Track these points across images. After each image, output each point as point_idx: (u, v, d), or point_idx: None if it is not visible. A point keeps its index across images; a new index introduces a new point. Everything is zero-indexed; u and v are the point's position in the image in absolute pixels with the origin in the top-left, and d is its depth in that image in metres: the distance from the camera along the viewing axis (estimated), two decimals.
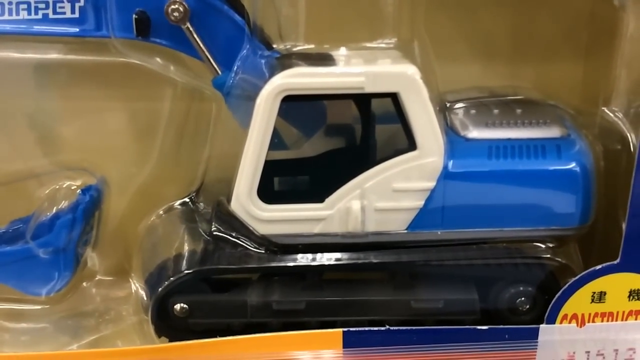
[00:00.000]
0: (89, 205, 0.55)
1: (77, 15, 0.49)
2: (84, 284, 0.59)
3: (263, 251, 0.50)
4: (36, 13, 0.49)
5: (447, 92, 0.54)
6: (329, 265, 0.50)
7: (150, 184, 0.58)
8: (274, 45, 0.52)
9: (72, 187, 0.56)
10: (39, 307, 0.57)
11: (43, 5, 0.49)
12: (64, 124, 0.56)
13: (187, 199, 0.57)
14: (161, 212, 0.58)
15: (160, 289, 0.49)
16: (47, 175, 0.57)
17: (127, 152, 0.58)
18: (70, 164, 0.56)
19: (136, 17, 0.49)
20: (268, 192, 0.49)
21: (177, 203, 0.58)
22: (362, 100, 0.48)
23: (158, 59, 0.53)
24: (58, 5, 0.49)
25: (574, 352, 0.52)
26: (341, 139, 0.52)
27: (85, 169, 0.56)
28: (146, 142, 0.57)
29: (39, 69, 0.54)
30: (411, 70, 0.47)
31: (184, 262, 0.51)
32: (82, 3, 0.49)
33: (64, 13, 0.49)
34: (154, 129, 0.57)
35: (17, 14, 0.49)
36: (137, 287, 0.58)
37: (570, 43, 0.59)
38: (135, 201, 0.58)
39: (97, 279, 0.59)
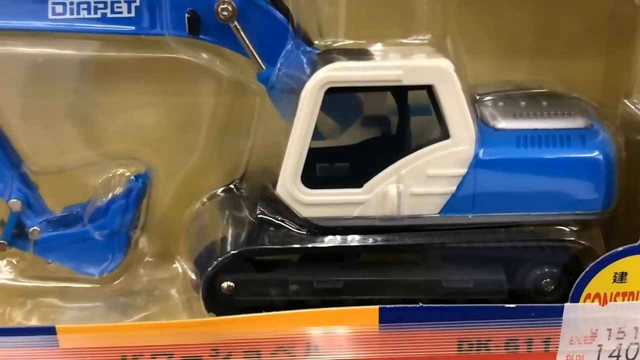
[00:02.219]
0: (140, 191, 0.59)
1: (133, 14, 0.52)
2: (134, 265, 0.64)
3: (305, 233, 0.53)
4: (95, 12, 0.52)
5: (477, 85, 0.55)
6: (366, 246, 0.54)
7: (194, 173, 0.61)
8: (314, 42, 0.54)
9: (125, 175, 0.58)
10: (90, 286, 0.60)
11: (102, 5, 0.52)
12: (116, 118, 0.59)
13: (231, 186, 0.59)
14: (205, 199, 0.61)
15: (209, 269, 0.53)
16: (99, 165, 0.59)
17: (174, 143, 0.60)
18: (121, 154, 0.59)
19: (188, 16, 0.51)
20: (311, 178, 0.52)
21: (219, 190, 0.60)
22: (400, 92, 0.51)
23: (204, 55, 0.56)
24: (115, 5, 0.52)
25: (596, 330, 0.54)
26: (379, 129, 0.56)
27: (135, 158, 0.59)
28: (192, 134, 0.60)
29: (92, 65, 0.56)
30: (445, 64, 0.50)
31: (231, 243, 0.54)
32: (137, 3, 0.52)
33: (121, 12, 0.52)
34: (200, 121, 0.59)
35: (78, 13, 0.52)
36: (183, 268, 0.61)
37: (592, 40, 0.61)
38: (181, 189, 0.61)
39: (145, 260, 0.62)
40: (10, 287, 0.61)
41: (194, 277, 0.56)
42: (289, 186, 0.51)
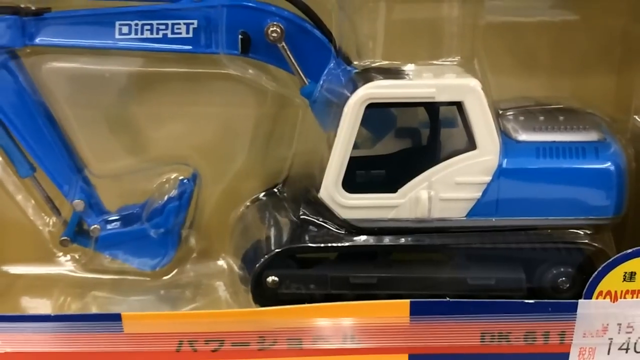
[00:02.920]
0: (191, 194, 0.64)
1: (191, 35, 0.57)
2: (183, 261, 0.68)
3: (343, 233, 0.57)
4: (157, 33, 0.57)
5: (499, 100, 0.59)
6: (399, 245, 0.57)
7: (239, 178, 0.65)
8: (353, 62, 0.58)
9: (179, 179, 0.63)
10: (142, 279, 0.65)
11: (163, 27, 0.56)
12: (170, 127, 0.63)
13: (273, 190, 0.64)
14: (248, 202, 0.65)
15: (257, 265, 0.57)
16: (154, 170, 0.64)
17: (221, 150, 0.64)
18: (174, 161, 0.64)
19: (241, 37, 0.56)
20: (351, 183, 0.56)
21: (261, 194, 0.65)
22: (432, 107, 0.55)
23: (251, 70, 0.60)
24: (175, 26, 0.57)
25: (607, 324, 0.56)
26: (412, 140, 0.60)
27: (187, 164, 0.64)
28: (237, 142, 0.64)
29: (149, 79, 0.61)
30: (474, 83, 0.54)
31: (275, 242, 0.58)
32: (195, 25, 0.56)
33: (180, 33, 0.57)
34: (245, 131, 0.64)
35: (142, 33, 0.56)
36: (228, 264, 0.65)
37: (604, 58, 0.63)
38: (226, 192, 0.65)
39: (192, 256, 0.67)
40: (71, 278, 0.65)
41: (241, 272, 0.60)
42: (331, 190, 0.55)
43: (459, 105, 0.54)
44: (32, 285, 0.65)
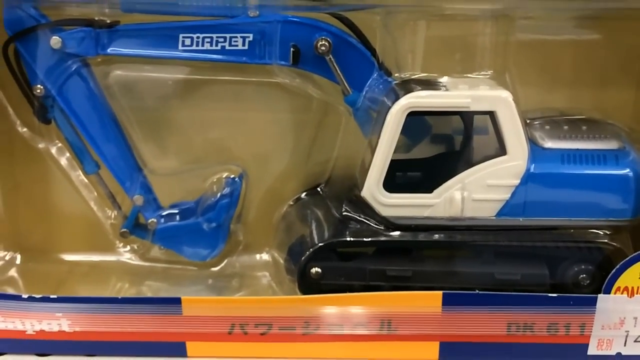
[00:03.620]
0: (240, 191, 0.68)
1: (247, 47, 0.61)
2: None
3: (382, 229, 0.61)
4: (216, 45, 0.61)
5: (526, 110, 0.63)
6: (434, 241, 0.61)
7: (283, 178, 0.70)
8: (393, 74, 0.63)
9: (230, 177, 0.68)
10: (192, 268, 0.70)
11: (222, 40, 0.61)
12: (222, 129, 0.68)
13: (316, 190, 0.68)
14: (291, 202, 0.69)
15: (302, 258, 0.62)
16: (205, 169, 0.68)
17: (269, 152, 0.69)
18: (226, 161, 0.68)
19: (293, 50, 0.60)
20: (391, 184, 0.60)
21: (303, 194, 0.69)
22: (467, 116, 0.59)
23: (298, 80, 0.65)
24: (233, 39, 0.61)
25: (624, 318, 0.60)
26: (448, 145, 0.64)
27: (237, 164, 0.68)
28: (284, 143, 0.69)
29: (208, 86, 0.66)
30: (505, 94, 0.58)
31: (319, 237, 0.62)
32: (251, 38, 0.61)
33: (237, 45, 0.61)
34: (292, 134, 0.68)
35: (202, 45, 0.61)
36: (273, 257, 0.70)
37: (624, 72, 0.67)
38: (271, 191, 0.70)
39: (239, 249, 0.71)
40: (128, 266, 0.70)
41: (287, 264, 0.64)
42: (373, 190, 0.60)
43: (491, 114, 0.58)
44: (91, 272, 0.70)
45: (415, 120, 0.59)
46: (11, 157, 0.68)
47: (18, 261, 0.70)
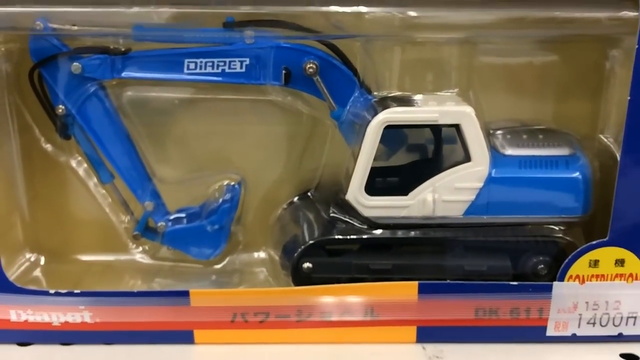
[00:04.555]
0: (239, 196, 0.75)
1: (244, 70, 0.68)
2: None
3: (365, 228, 0.68)
4: (217, 68, 0.68)
5: (492, 121, 0.70)
6: (410, 238, 0.68)
7: (278, 184, 0.76)
8: (373, 92, 0.70)
9: (230, 184, 0.75)
10: (197, 266, 0.76)
11: (222, 64, 0.68)
12: (223, 142, 0.74)
13: (307, 194, 0.75)
14: (285, 205, 0.76)
15: (295, 254, 0.68)
16: (210, 178, 0.75)
17: (264, 161, 0.75)
18: (226, 170, 0.75)
19: (284, 72, 0.67)
20: (372, 188, 0.67)
21: (296, 198, 0.76)
22: (436, 128, 0.66)
23: (289, 97, 0.72)
24: (232, 63, 0.68)
25: (577, 302, 0.67)
26: (421, 153, 0.71)
27: (236, 173, 0.75)
28: (278, 154, 0.75)
29: (208, 104, 0.73)
30: (469, 110, 0.65)
31: (310, 236, 0.69)
32: (247, 62, 0.67)
33: (236, 68, 0.68)
34: (284, 146, 0.75)
35: (205, 68, 0.68)
36: (269, 255, 0.76)
37: (581, 85, 0.72)
38: (267, 196, 0.76)
39: (239, 248, 0.78)
40: (139, 265, 0.77)
41: (282, 260, 0.71)
42: (356, 194, 0.67)
43: (457, 127, 0.65)
44: (106, 271, 0.77)
45: (392, 133, 0.66)
46: (32, 170, 0.75)
47: (42, 262, 0.77)
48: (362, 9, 0.64)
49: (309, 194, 0.75)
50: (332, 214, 0.69)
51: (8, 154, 0.72)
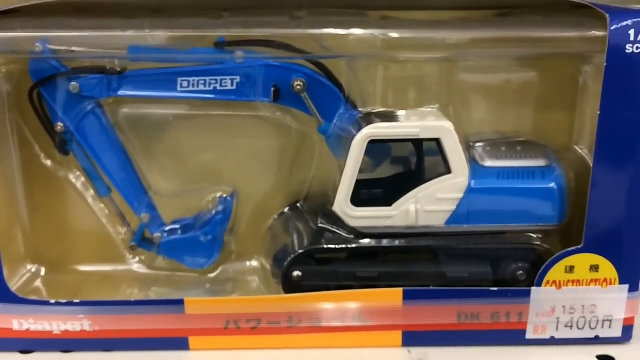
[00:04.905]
0: (232, 208, 0.78)
1: (235, 87, 0.70)
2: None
3: (352, 237, 0.70)
4: (209, 86, 0.70)
5: (473, 134, 0.74)
6: (394, 247, 0.70)
7: (269, 196, 0.79)
8: (359, 108, 0.72)
9: (223, 196, 0.78)
10: (193, 275, 0.79)
11: (214, 82, 0.70)
12: (216, 156, 0.77)
13: (297, 205, 0.77)
14: (276, 216, 0.79)
15: (285, 263, 0.71)
16: (204, 190, 0.78)
17: (255, 174, 0.78)
18: (219, 182, 0.78)
19: (273, 89, 0.70)
20: (357, 199, 0.69)
21: (286, 209, 0.78)
22: (418, 143, 0.69)
23: (279, 113, 0.74)
24: (223, 81, 0.70)
25: (554, 306, 0.69)
26: (403, 166, 0.73)
27: (229, 185, 0.78)
28: (268, 167, 0.78)
29: (201, 120, 0.75)
30: (448, 125, 0.68)
31: (299, 245, 0.72)
32: (238, 80, 0.70)
33: (227, 86, 0.70)
34: (275, 159, 0.77)
35: (197, 86, 0.70)
36: (261, 263, 0.79)
37: (560, 98, 0.75)
38: (259, 207, 0.79)
39: (232, 257, 0.81)
40: (136, 275, 0.79)
41: (273, 269, 0.73)
42: (342, 205, 0.69)
43: (437, 141, 0.68)
44: (104, 281, 0.79)
45: (376, 147, 0.68)
46: (32, 184, 0.78)
47: (43, 273, 0.80)
48: (346, 31, 0.67)
49: (298, 205, 0.78)
50: (320, 225, 0.72)
51: (9, 169, 0.75)
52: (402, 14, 0.73)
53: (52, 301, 0.69)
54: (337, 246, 0.71)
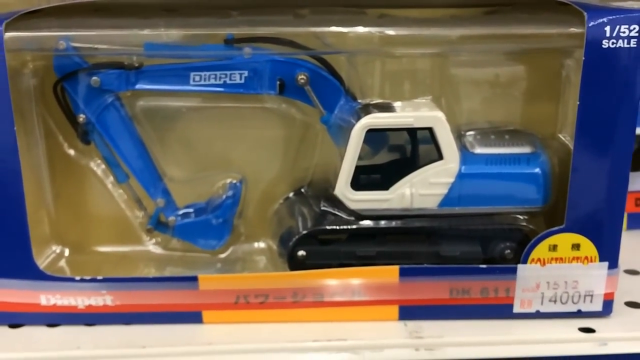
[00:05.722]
0: (241, 193, 0.82)
1: (243, 81, 0.74)
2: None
3: (352, 219, 0.75)
4: (219, 80, 0.75)
5: (462, 124, 0.78)
6: (391, 228, 0.74)
7: (275, 182, 0.83)
8: (358, 99, 0.77)
9: (232, 182, 0.82)
10: (205, 255, 0.84)
11: (224, 76, 0.74)
12: (227, 144, 0.81)
13: (301, 190, 0.81)
14: (281, 200, 0.83)
15: (290, 243, 0.75)
16: (214, 177, 0.83)
17: (263, 162, 0.82)
18: (229, 169, 0.83)
19: (279, 82, 0.74)
20: (356, 184, 0.73)
21: (291, 194, 0.83)
22: (412, 131, 0.73)
23: (284, 105, 0.79)
24: (232, 75, 0.74)
25: (539, 282, 0.73)
26: (399, 153, 0.77)
27: (238, 172, 0.83)
28: (274, 155, 0.82)
29: (216, 111, 0.79)
30: (440, 115, 0.72)
31: (303, 227, 0.76)
32: (246, 74, 0.74)
33: (236, 80, 0.75)
34: (281, 147, 0.82)
35: (208, 80, 0.75)
36: (268, 244, 0.84)
37: (546, 90, 0.79)
38: (265, 192, 0.83)
39: (241, 239, 0.85)
40: (152, 255, 0.84)
41: (279, 249, 0.78)
42: (343, 189, 0.74)
43: (430, 129, 0.72)
44: (122, 261, 0.84)
45: (374, 135, 0.73)
46: (56, 171, 0.83)
47: (67, 254, 0.85)
48: (346, 29, 0.72)
49: (302, 190, 0.82)
50: (322, 208, 0.76)
51: (36, 158, 0.80)
52: (398, 11, 0.77)
53: (77, 278, 0.74)
54: (338, 227, 0.75)
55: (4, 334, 0.74)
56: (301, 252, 0.75)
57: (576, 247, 0.72)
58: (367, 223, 0.75)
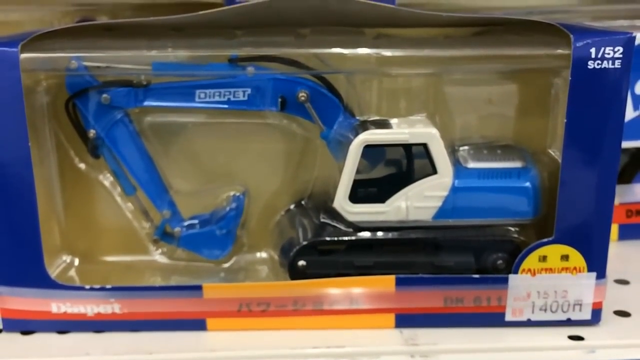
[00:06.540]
0: (243, 204, 0.85)
1: (246, 98, 0.77)
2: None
3: (350, 231, 0.77)
4: (223, 97, 0.77)
5: (456, 139, 0.80)
6: (387, 239, 0.76)
7: (277, 194, 0.85)
8: (356, 116, 0.79)
9: (235, 194, 0.85)
10: (208, 265, 0.86)
11: (228, 93, 0.77)
12: (230, 158, 0.83)
13: (301, 203, 0.83)
14: (283, 212, 0.85)
15: (291, 254, 0.77)
16: (218, 189, 0.85)
17: (264, 175, 0.84)
18: (232, 182, 0.85)
19: (280, 99, 0.77)
20: (354, 197, 0.75)
21: (292, 206, 0.84)
22: (407, 147, 0.75)
23: (285, 120, 0.81)
24: (235, 93, 0.77)
25: (530, 292, 0.74)
26: (395, 168, 0.78)
27: (241, 185, 0.85)
28: (276, 168, 0.84)
29: (221, 126, 0.82)
30: (434, 131, 0.74)
31: (303, 238, 0.78)
32: (249, 91, 0.77)
33: (239, 97, 0.77)
34: (282, 161, 0.84)
35: (213, 97, 0.77)
36: (269, 255, 0.86)
37: (536, 107, 0.81)
38: (267, 204, 0.85)
39: (244, 249, 0.87)
40: (159, 265, 0.87)
41: (280, 259, 0.80)
42: (342, 202, 0.76)
43: (424, 145, 0.74)
44: (128, 270, 0.86)
45: (371, 151, 0.75)
46: (67, 184, 0.85)
47: (76, 263, 0.87)
48: (345, 50, 0.75)
49: (302, 202, 0.84)
50: (322, 219, 0.78)
51: (47, 170, 0.82)
52: (393, 30, 0.81)
53: (87, 287, 0.76)
54: (337, 238, 0.77)
55: (16, 341, 0.76)
56: (301, 262, 0.77)
57: (565, 258, 0.74)
58: (364, 234, 0.77)
